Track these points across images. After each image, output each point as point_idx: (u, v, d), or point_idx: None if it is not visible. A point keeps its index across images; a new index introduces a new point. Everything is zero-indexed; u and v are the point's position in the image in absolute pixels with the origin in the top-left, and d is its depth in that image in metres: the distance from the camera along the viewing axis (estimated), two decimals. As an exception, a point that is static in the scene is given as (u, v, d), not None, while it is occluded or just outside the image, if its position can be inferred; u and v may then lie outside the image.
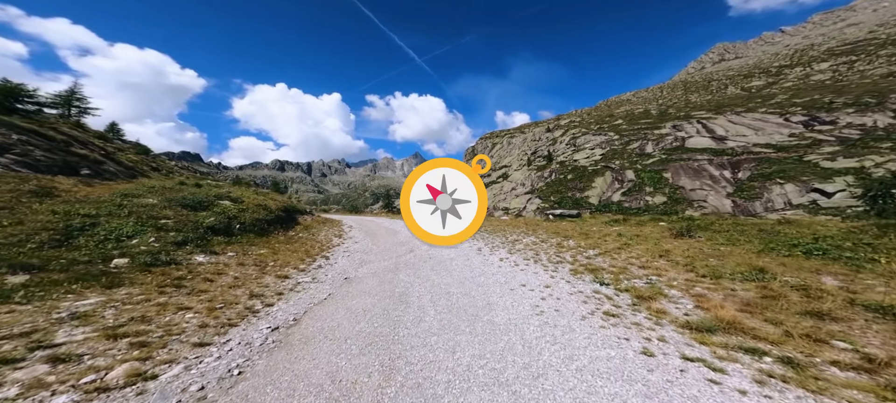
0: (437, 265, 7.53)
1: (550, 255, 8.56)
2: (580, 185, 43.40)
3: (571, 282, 6.06)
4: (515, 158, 79.44)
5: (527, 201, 44.94)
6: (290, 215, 16.29)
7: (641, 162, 43.19)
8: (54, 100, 33.67)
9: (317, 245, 10.71)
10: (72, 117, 33.97)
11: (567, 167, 50.11)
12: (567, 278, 6.39)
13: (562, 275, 6.60)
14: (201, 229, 8.53)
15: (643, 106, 70.19)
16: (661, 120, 53.22)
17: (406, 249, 9.90)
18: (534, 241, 10.93)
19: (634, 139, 48.55)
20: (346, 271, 7.22)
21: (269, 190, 25.65)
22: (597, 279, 6.18)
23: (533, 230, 13.55)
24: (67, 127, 27.83)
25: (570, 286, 5.82)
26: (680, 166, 37.29)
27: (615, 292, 5.40)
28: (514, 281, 6.14)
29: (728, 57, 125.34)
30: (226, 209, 10.56)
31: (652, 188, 36.49)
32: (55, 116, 31.26)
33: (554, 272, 6.78)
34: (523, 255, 8.75)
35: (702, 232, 9.67)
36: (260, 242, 9.97)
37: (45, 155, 14.34)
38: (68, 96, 34.24)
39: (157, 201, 9.48)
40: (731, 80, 71.90)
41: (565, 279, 6.32)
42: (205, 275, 5.98)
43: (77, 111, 34.86)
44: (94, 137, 30.38)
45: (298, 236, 12.61)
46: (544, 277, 6.45)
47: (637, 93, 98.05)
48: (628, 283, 5.77)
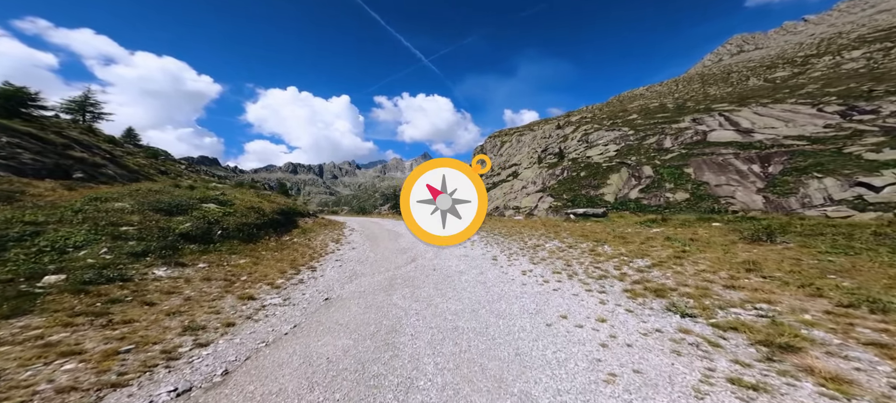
0: (441, 281, 6.07)
1: (586, 266, 6.90)
2: (594, 182, 41.29)
3: (636, 312, 4.35)
4: (525, 156, 77.40)
5: (538, 200, 43.08)
6: (288, 218, 15.16)
7: (660, 157, 40.79)
8: (70, 105, 33.81)
9: (307, 253, 9.44)
10: (85, 122, 34.05)
11: (580, 164, 47.95)
12: (625, 303, 4.67)
13: (615, 299, 4.87)
14: (171, 237, 7.36)
15: (658, 100, 67.05)
16: (678, 114, 50.45)
17: (407, 258, 8.51)
18: (559, 247, 9.29)
19: (651, 134, 46.04)
20: (329, 287, 5.88)
21: (271, 192, 24.71)
22: (673, 307, 4.34)
23: (555, 233, 11.88)
24: (77, 131, 27.65)
25: (636, 319, 4.12)
26: (703, 160, 34.83)
27: (716, 332, 3.63)
28: (550, 309, 4.46)
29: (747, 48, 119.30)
30: (208, 213, 9.41)
31: (672, 184, 34.22)
32: (68, 121, 31.28)
33: (602, 294, 5.13)
34: (551, 266, 7.14)
35: (784, 236, 7.77)
36: (243, 250, 8.77)
37: (35, 158, 13.59)
38: (82, 102, 34.32)
39: (131, 204, 8.38)
40: (753, 71, 67.99)
41: (623, 305, 4.60)
42: (150, 296, 4.75)
43: (91, 116, 34.94)
44: (104, 141, 30.20)
45: (292, 242, 11.40)
46: (591, 302, 4.77)
47: (650, 87, 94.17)
48: (728, 316, 4.02)
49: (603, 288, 5.48)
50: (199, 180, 29.91)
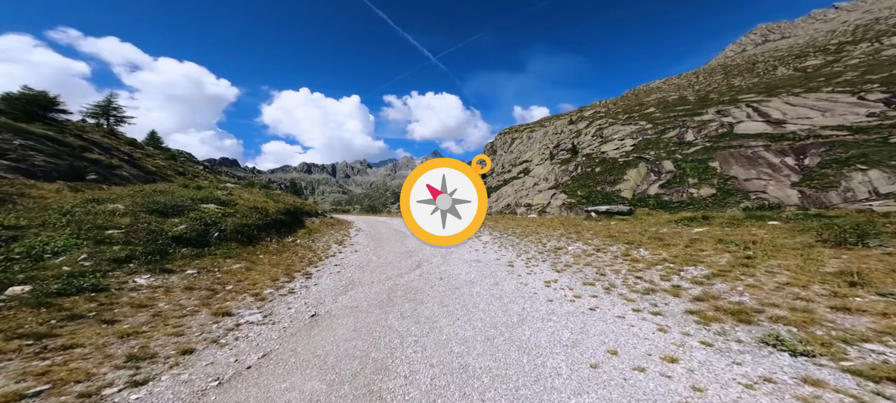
0: (449, 293, 5.23)
1: (624, 275, 5.79)
2: (610, 178, 39.51)
3: (717, 346, 3.21)
4: (536, 152, 75.53)
5: (551, 197, 41.63)
6: (293, 218, 14.67)
7: (681, 151, 38.63)
8: (94, 110, 34.71)
9: (307, 256, 8.81)
10: (108, 125, 34.90)
11: (594, 160, 46.11)
12: (695, 332, 3.52)
13: (679, 325, 3.70)
14: (162, 241, 6.84)
15: (677, 93, 63.93)
16: (701, 106, 47.80)
17: (412, 263, 7.72)
18: (584, 250, 8.24)
19: (671, 127, 43.73)
20: (321, 300, 5.15)
21: (280, 192, 24.45)
22: (774, 340, 3.17)
23: (576, 233, 10.78)
24: (99, 134, 28.27)
25: (723, 358, 2.98)
26: (730, 153, 32.65)
27: (864, 385, 2.53)
28: (591, 340, 3.43)
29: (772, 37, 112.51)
30: (205, 215, 8.90)
31: (696, 179, 32.25)
32: (91, 125, 32.11)
33: (658, 317, 3.99)
34: (579, 274, 6.13)
35: (875, 238, 6.15)
36: (241, 253, 8.21)
37: (48, 160, 13.57)
38: (106, 106, 35.16)
39: (126, 206, 7.95)
40: (781, 60, 63.84)
41: (694, 335, 3.46)
42: (118, 311, 4.15)
43: (114, 120, 35.79)
44: (124, 144, 30.82)
45: (295, 244, 10.83)
46: (646, 329, 3.64)
47: (668, 80, 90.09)
48: (865, 356, 2.88)
49: (656, 307, 4.31)
50: (215, 180, 30.16)
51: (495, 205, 54.05)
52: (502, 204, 51.71)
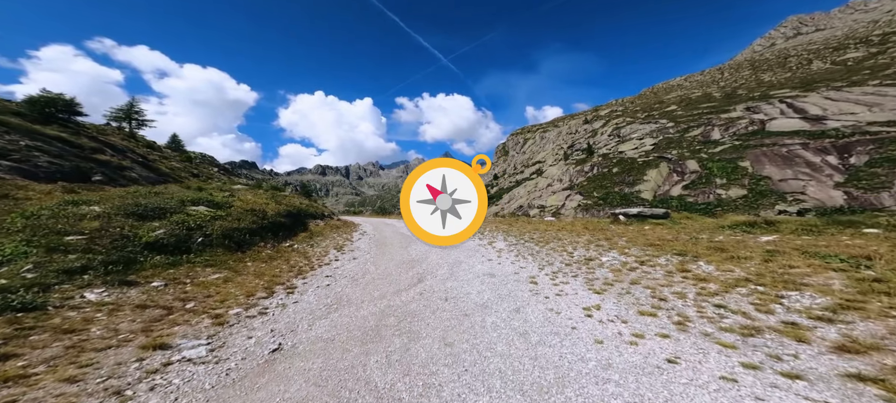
0: (455, 324, 4.03)
1: (692, 299, 4.45)
2: (629, 178, 37.42)
3: None
4: (550, 152, 73.45)
5: (565, 198, 39.86)
6: (296, 221, 13.92)
7: (707, 150, 36.18)
8: (117, 114, 35.52)
9: (299, 264, 7.91)
10: (130, 128, 35.63)
11: (611, 160, 43.98)
12: None
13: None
14: (130, 248, 6.07)
15: (700, 89, 60.54)
16: (728, 103, 44.91)
17: (413, 276, 6.64)
18: (623, 262, 6.85)
19: (694, 125, 41.14)
20: (293, 325, 4.14)
21: (287, 193, 23.93)
22: None
23: (606, 240, 9.40)
24: (118, 137, 28.73)
25: None
26: (762, 152, 30.13)
27: None
28: None
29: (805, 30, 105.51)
30: (190, 218, 8.15)
31: (725, 180, 29.94)
32: (113, 128, 32.79)
33: (797, 383, 2.54)
34: (626, 296, 4.81)
35: None
36: (226, 260, 7.40)
37: (52, 161, 13.34)
38: (128, 110, 35.90)
39: (103, 208, 7.28)
40: (816, 54, 59.45)
41: None
42: (32, 339, 3.30)
43: (136, 123, 36.54)
44: (142, 146, 31.28)
45: (292, 249, 10.00)
46: None
47: (689, 77, 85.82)
48: None
49: (782, 363, 2.81)
50: (228, 182, 30.16)
51: (508, 206, 52.53)
52: (515, 205, 50.14)
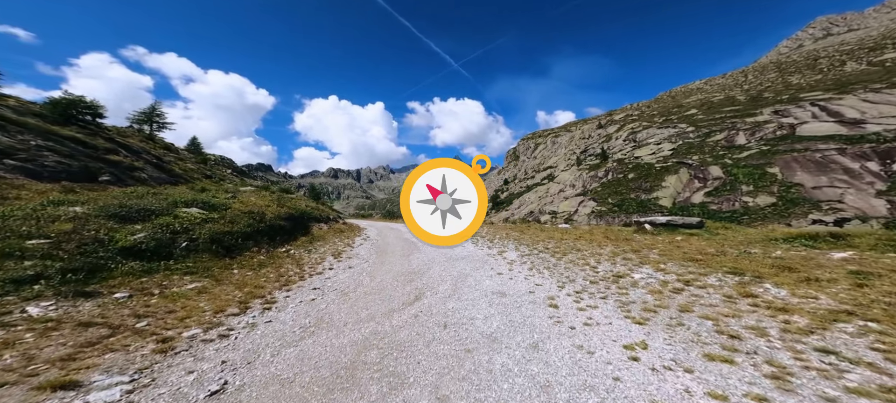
0: (452, 367, 3.16)
1: (776, 337, 3.44)
2: (645, 184, 35.73)
3: None
4: (562, 158, 71.68)
5: (578, 204, 38.41)
6: (297, 224, 13.39)
7: (731, 155, 34.18)
8: (140, 117, 36.41)
9: (289, 272, 7.24)
10: (151, 131, 36.44)
11: (627, 165, 42.22)
12: None
13: None
14: (102, 253, 5.53)
15: (722, 93, 57.80)
16: (753, 106, 42.57)
17: (410, 293, 5.84)
18: (662, 280, 5.79)
19: (717, 130, 39.04)
20: (251, 357, 3.38)
21: (293, 196, 23.62)
22: None
23: (634, 251, 8.32)
24: (137, 139, 29.27)
25: None
26: (793, 158, 28.06)
27: None
28: None
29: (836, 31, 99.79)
30: (176, 221, 7.63)
31: (751, 186, 28.03)
32: (133, 130, 33.56)
33: None
34: (681, 330, 3.77)
35: None
36: (210, 267, 6.81)
37: (60, 161, 13.28)
38: (150, 113, 36.76)
39: (85, 209, 6.83)
40: (850, 54, 55.87)
41: None
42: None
43: (157, 126, 37.37)
44: (160, 148, 31.83)
45: (287, 255, 9.38)
46: None
47: (710, 80, 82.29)
48: None
49: None
50: (240, 182, 30.29)
51: (518, 212, 51.27)
52: (525, 211, 48.83)
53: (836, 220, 20.41)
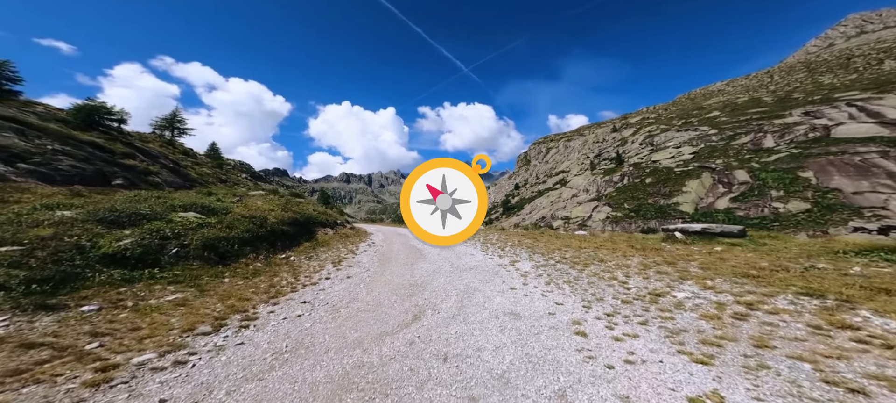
0: None
1: None
2: (664, 189, 34.02)
3: None
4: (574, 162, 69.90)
5: (592, 209, 36.95)
6: (302, 229, 12.99)
7: (758, 159, 32.15)
8: (162, 123, 37.50)
9: (282, 282, 6.71)
10: (172, 136, 37.43)
11: (644, 170, 40.48)
12: None
13: None
14: (81, 260, 5.14)
15: (746, 94, 54.99)
16: (781, 107, 40.18)
17: (408, 311, 5.18)
18: (716, 302, 4.78)
19: (742, 132, 36.93)
20: (201, 393, 2.80)
21: (302, 200, 23.44)
22: None
23: (669, 264, 7.30)
24: (157, 144, 30.01)
25: None
26: (828, 161, 26.00)
27: None
28: None
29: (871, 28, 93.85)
30: (170, 226, 7.25)
31: (782, 191, 26.12)
32: (154, 135, 34.51)
33: None
34: (774, 382, 2.76)
35: None
36: (200, 275, 6.37)
37: (75, 165, 13.40)
38: (171, 119, 37.79)
39: (76, 213, 6.54)
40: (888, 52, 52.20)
41: None
42: None
43: (177, 131, 38.39)
44: (178, 153, 32.56)
45: (286, 261, 8.91)
46: None
47: (732, 81, 78.67)
48: None
49: None
50: (252, 186, 30.59)
51: (529, 217, 50.00)
52: (537, 216, 47.55)
53: (880, 228, 18.55)
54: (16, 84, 14.29)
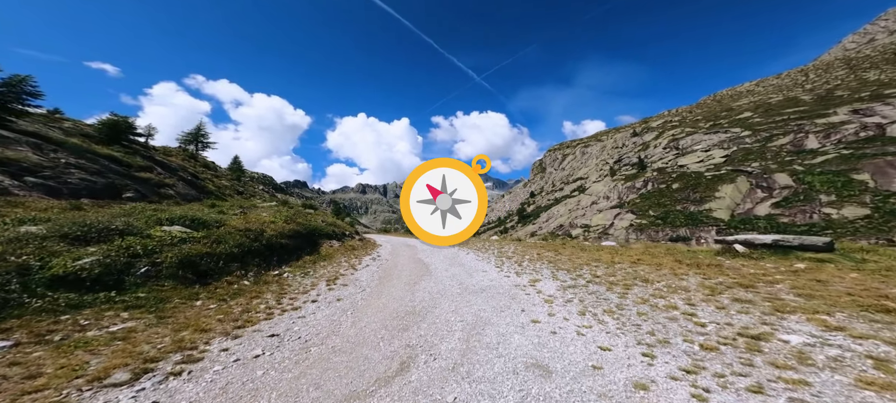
0: None
1: None
2: (694, 195, 31.36)
3: None
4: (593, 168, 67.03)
5: (614, 217, 34.56)
6: (305, 242, 12.18)
7: (802, 161, 29.11)
8: (187, 137, 38.70)
9: (256, 307, 5.76)
10: (196, 150, 38.48)
11: (669, 175, 37.75)
12: None
13: None
14: (17, 285, 4.37)
15: (780, 93, 50.98)
16: (823, 106, 36.75)
17: (397, 352, 4.03)
18: (863, 352, 3.19)
19: (779, 133, 33.81)
20: None
21: (312, 211, 22.88)
22: None
23: (746, 288, 5.59)
24: (180, 158, 30.73)
25: None
26: (887, 162, 22.97)
27: None
28: None
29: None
30: (145, 242, 6.50)
31: (833, 196, 23.23)
32: (178, 148, 35.48)
33: None
34: None
35: None
36: (168, 297, 5.52)
37: (85, 178, 13.29)
38: (196, 133, 38.97)
39: (40, 229, 5.90)
40: (940, 40, 47.25)
41: None
42: None
43: (201, 145, 39.51)
44: (200, 166, 33.25)
45: (276, 279, 8.00)
46: None
47: (762, 81, 73.67)
48: None
49: None
50: (268, 198, 30.64)
51: (546, 225, 47.79)
52: (554, 224, 45.32)
53: (966, 238, 15.78)
54: (36, 98, 14.52)
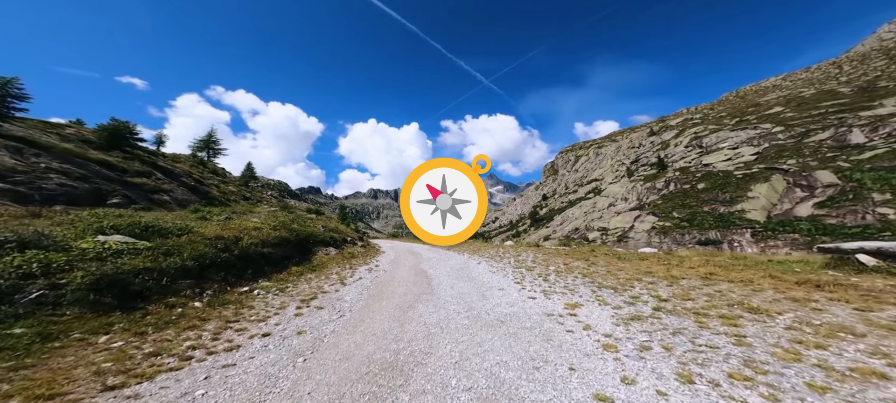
0: None
1: None
2: (723, 195, 28.54)
3: None
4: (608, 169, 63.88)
5: (634, 220, 31.87)
6: (298, 249, 10.66)
7: (847, 157, 26.02)
8: (199, 144, 38.45)
9: (165, 351, 4.12)
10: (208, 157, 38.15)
11: (693, 174, 34.83)
12: None
13: None
14: None
15: (813, 87, 46.98)
16: (867, 98, 33.28)
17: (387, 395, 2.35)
18: None
19: (817, 128, 30.56)
20: None
21: (315, 216, 21.49)
22: None
23: None
24: (187, 164, 30.15)
25: None
26: (961, 155, 19.91)
27: None
28: None
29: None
30: (58, 256, 5.02)
31: (888, 194, 20.34)
32: (187, 156, 35.07)
33: None
34: None
35: None
36: (63, 329, 4.00)
37: (65, 184, 12.19)
38: (207, 140, 38.70)
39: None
40: None
41: None
42: None
43: (212, 152, 39.21)
44: (209, 172, 32.66)
45: (241, 298, 6.42)
46: None
47: (790, 75, 68.83)
48: None
49: None
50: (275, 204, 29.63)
51: (560, 229, 45.18)
52: (569, 227, 42.70)
53: None
54: (22, 101, 13.66)
